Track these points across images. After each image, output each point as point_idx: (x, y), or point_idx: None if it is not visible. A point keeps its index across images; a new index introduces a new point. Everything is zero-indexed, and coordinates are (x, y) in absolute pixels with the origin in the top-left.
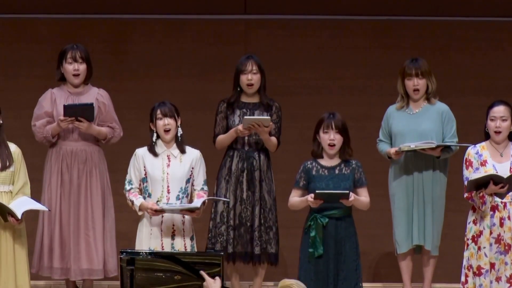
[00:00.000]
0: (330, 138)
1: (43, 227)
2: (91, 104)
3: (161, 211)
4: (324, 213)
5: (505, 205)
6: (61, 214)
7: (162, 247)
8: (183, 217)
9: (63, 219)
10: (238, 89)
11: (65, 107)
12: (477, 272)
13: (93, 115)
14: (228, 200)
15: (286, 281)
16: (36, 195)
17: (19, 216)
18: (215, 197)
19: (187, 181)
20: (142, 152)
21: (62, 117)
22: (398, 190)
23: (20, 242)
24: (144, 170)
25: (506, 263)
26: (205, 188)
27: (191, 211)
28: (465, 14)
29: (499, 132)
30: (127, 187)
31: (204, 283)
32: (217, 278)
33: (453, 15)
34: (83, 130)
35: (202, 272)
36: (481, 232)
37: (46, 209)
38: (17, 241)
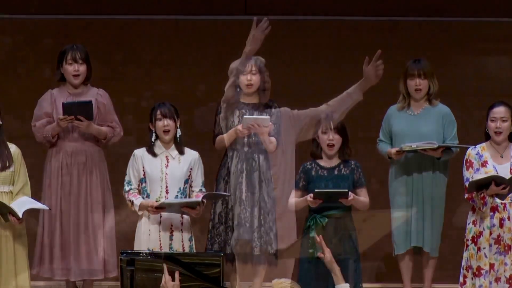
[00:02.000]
0: (329, 138)
1: (43, 227)
2: (90, 102)
3: (162, 208)
4: (324, 214)
5: (504, 206)
6: (61, 214)
7: (161, 247)
8: (182, 217)
9: (63, 220)
10: (238, 90)
11: (63, 105)
12: (476, 272)
13: (92, 113)
14: (229, 194)
15: (281, 281)
16: (36, 195)
17: (20, 215)
18: (214, 192)
19: (186, 181)
20: (140, 152)
21: (61, 116)
22: (398, 191)
23: (21, 242)
24: (143, 170)
25: (505, 264)
26: (203, 189)
27: (191, 207)
28: (465, 14)
29: (500, 133)
30: (126, 188)
31: None
32: None
33: (453, 15)
34: (83, 129)
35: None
36: (481, 233)
37: (47, 208)
38: (18, 241)
